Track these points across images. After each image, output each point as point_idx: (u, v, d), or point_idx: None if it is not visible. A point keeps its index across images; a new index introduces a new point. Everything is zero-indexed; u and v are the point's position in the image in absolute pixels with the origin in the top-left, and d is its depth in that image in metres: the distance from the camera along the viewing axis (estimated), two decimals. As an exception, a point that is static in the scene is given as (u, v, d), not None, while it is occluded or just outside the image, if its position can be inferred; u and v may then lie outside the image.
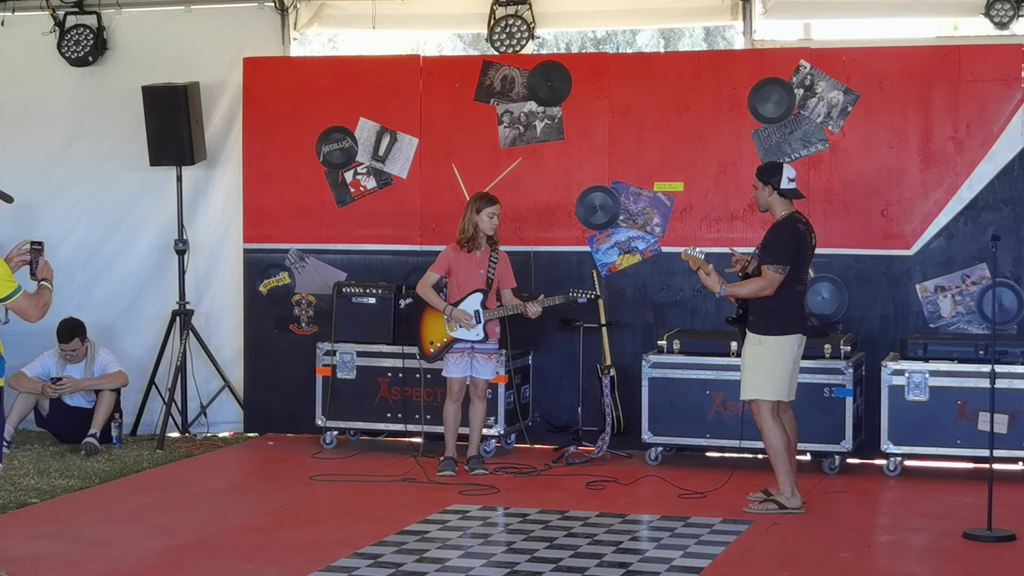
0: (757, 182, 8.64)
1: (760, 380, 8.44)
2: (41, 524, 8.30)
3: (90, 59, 11.55)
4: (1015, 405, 9.19)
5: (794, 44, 11.13)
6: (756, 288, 8.42)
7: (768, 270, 8.39)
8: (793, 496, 8.49)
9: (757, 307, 8.50)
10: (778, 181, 8.53)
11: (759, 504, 8.54)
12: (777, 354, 8.44)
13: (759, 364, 8.45)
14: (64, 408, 10.75)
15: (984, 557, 7.54)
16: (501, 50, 10.99)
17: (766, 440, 8.50)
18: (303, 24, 11.54)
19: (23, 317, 6.85)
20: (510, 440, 10.52)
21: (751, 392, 8.50)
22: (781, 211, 8.56)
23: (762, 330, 8.46)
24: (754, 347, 8.48)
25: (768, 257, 8.42)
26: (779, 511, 8.46)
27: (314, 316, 10.98)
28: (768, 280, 8.38)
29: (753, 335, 8.49)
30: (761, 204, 8.65)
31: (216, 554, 7.66)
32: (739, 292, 8.52)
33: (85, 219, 11.65)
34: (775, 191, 8.54)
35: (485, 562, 7.38)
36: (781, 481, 8.52)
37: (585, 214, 10.55)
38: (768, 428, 8.46)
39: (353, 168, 10.95)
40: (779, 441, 8.46)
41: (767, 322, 8.45)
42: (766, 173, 8.63)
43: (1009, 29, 10.43)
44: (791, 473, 8.51)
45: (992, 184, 9.94)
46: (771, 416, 8.45)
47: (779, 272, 8.37)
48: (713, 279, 8.55)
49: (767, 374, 8.43)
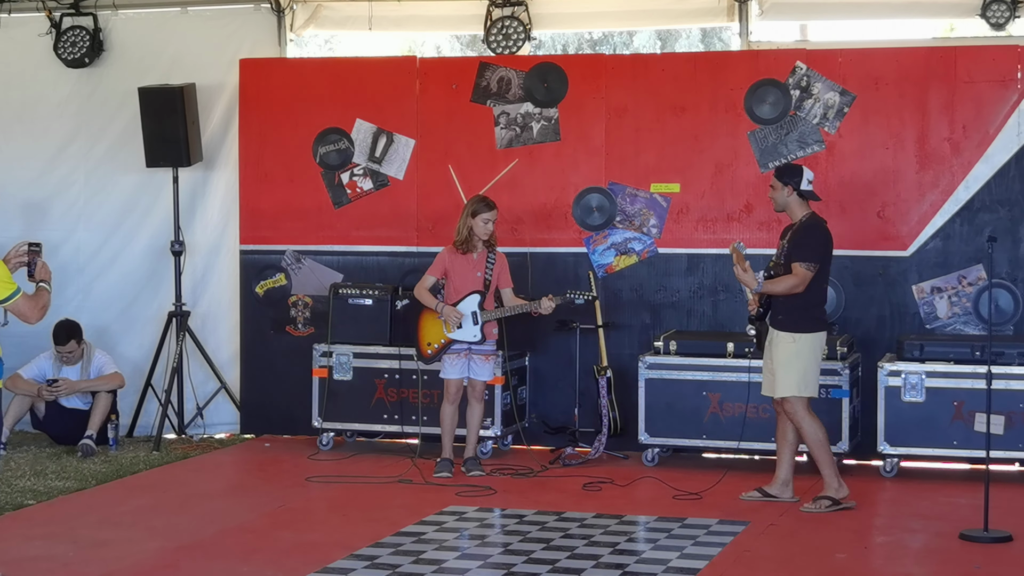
0: (776, 182, 8.73)
1: (795, 377, 8.56)
2: (37, 526, 8.29)
3: (86, 61, 11.54)
4: (1011, 406, 9.20)
5: (790, 45, 11.15)
6: (790, 285, 8.53)
7: (800, 267, 8.53)
8: (841, 487, 8.62)
9: (788, 305, 8.59)
10: (799, 182, 8.66)
11: (813, 504, 8.60)
12: (811, 351, 8.60)
13: (793, 361, 8.56)
14: (60, 410, 10.74)
15: (980, 558, 7.55)
16: (497, 51, 10.99)
17: (806, 435, 8.63)
18: (299, 25, 11.53)
19: (22, 319, 6.85)
20: (507, 441, 10.52)
21: (787, 389, 8.59)
22: (800, 212, 8.70)
23: (795, 327, 8.57)
24: (788, 345, 8.57)
25: (800, 255, 8.54)
26: (835, 507, 8.55)
27: (310, 317, 10.98)
28: (800, 277, 8.52)
29: (786, 333, 8.58)
30: (779, 204, 8.75)
31: (213, 556, 7.66)
32: (775, 289, 8.60)
33: (83, 221, 11.64)
34: (795, 192, 8.63)
35: (482, 563, 7.38)
36: (827, 474, 8.63)
37: (582, 215, 10.55)
38: (807, 423, 8.60)
39: (350, 169, 10.95)
40: (821, 434, 8.62)
41: (798, 319, 8.58)
42: (787, 174, 8.74)
43: (1005, 30, 10.43)
44: (834, 464, 8.66)
45: (988, 185, 9.94)
46: (807, 411, 8.60)
47: (811, 270, 8.52)
48: (750, 275, 8.62)
49: (801, 371, 8.56)
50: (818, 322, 8.67)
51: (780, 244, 8.81)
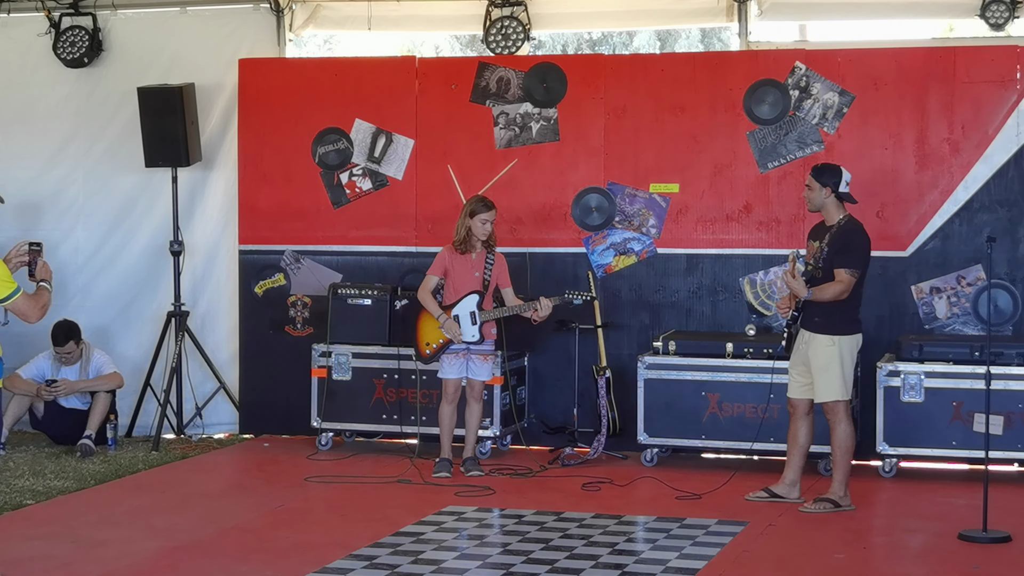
0: (813, 182, 8.67)
1: (837, 381, 8.56)
2: (37, 525, 8.29)
3: (85, 60, 11.54)
4: (1010, 406, 9.20)
5: (789, 45, 11.16)
6: (837, 292, 8.51)
7: (844, 273, 8.50)
8: (845, 496, 8.62)
9: (826, 308, 8.56)
10: (837, 183, 8.62)
11: (814, 504, 8.60)
12: (849, 353, 8.61)
13: (834, 365, 8.55)
14: (59, 410, 10.74)
15: (979, 558, 7.55)
16: (497, 51, 10.99)
17: (840, 441, 8.61)
18: (299, 25, 11.53)
19: (22, 318, 6.86)
20: (506, 441, 10.52)
21: (830, 394, 8.57)
22: (837, 214, 8.65)
23: (834, 330, 8.55)
24: (827, 348, 8.56)
25: (843, 261, 8.51)
26: (834, 509, 8.54)
27: (309, 317, 10.97)
28: (846, 284, 8.50)
29: (825, 336, 8.56)
30: (815, 204, 8.70)
31: (211, 555, 7.65)
32: (823, 296, 8.55)
33: (82, 221, 11.64)
34: (833, 193, 8.60)
35: (481, 564, 7.38)
36: (838, 480, 8.64)
37: (581, 215, 10.55)
38: (844, 427, 8.59)
39: (349, 169, 10.95)
40: (851, 442, 8.64)
41: (837, 322, 8.56)
42: (825, 174, 8.68)
43: (1004, 31, 10.44)
44: (848, 474, 8.66)
45: (987, 185, 9.94)
46: (847, 415, 8.60)
47: (855, 276, 8.51)
48: (799, 283, 8.58)
49: (841, 374, 8.56)
50: (855, 324, 8.66)
51: (813, 245, 8.71)
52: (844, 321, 8.59)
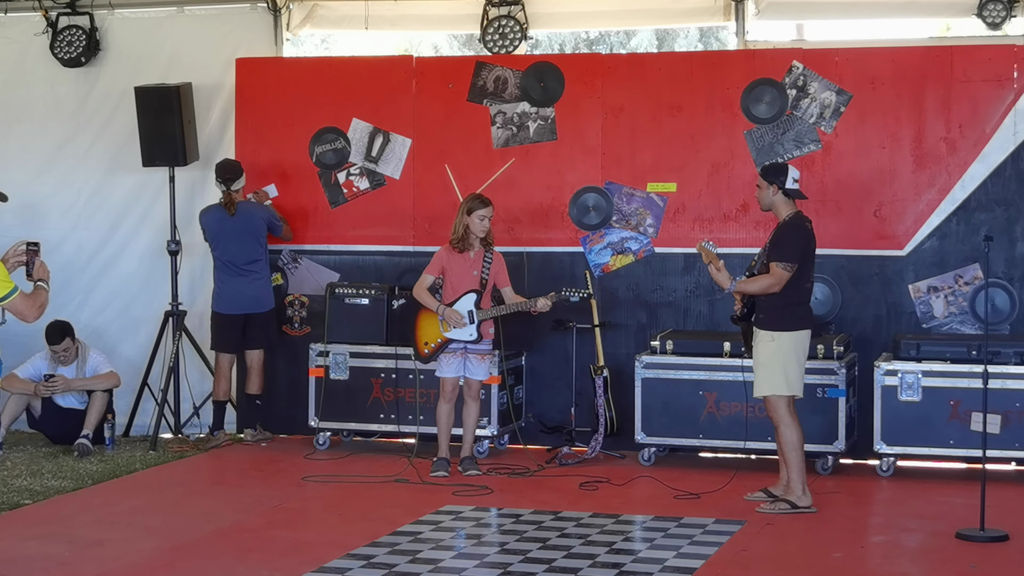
0: (761, 181, 8.71)
1: (775, 376, 8.51)
2: (34, 525, 8.29)
3: (83, 60, 11.54)
4: (1008, 405, 9.21)
5: (787, 45, 11.16)
6: (765, 285, 8.49)
7: (776, 267, 8.48)
8: (804, 495, 8.54)
9: (768, 304, 8.55)
10: (783, 181, 8.62)
11: (771, 505, 8.56)
12: (790, 350, 8.52)
13: (773, 360, 8.51)
14: (56, 409, 10.73)
15: (977, 557, 7.55)
16: (494, 51, 10.99)
17: (782, 436, 8.55)
18: (296, 25, 11.53)
19: (20, 318, 6.85)
20: (503, 441, 10.52)
21: (766, 388, 8.55)
22: (786, 211, 8.66)
23: (774, 326, 8.52)
24: (767, 343, 8.54)
25: (777, 254, 8.50)
26: (792, 511, 8.49)
27: (307, 317, 10.97)
28: (777, 277, 8.46)
29: (765, 332, 8.55)
30: (764, 203, 8.72)
31: (209, 555, 7.65)
32: (748, 288, 8.57)
33: (81, 220, 11.64)
34: (780, 190, 8.61)
35: (478, 563, 7.38)
36: (793, 479, 8.56)
37: (578, 215, 10.55)
38: (785, 424, 8.52)
39: (346, 169, 10.95)
40: (796, 437, 8.53)
41: (779, 318, 8.52)
42: (771, 172, 8.71)
43: (1001, 30, 10.44)
44: (804, 471, 8.57)
45: (985, 184, 9.95)
46: (788, 412, 8.53)
47: (787, 270, 8.46)
48: (724, 275, 8.60)
49: (781, 370, 8.50)
50: (800, 320, 8.59)
51: (766, 244, 8.79)
52: (787, 317, 8.53)
